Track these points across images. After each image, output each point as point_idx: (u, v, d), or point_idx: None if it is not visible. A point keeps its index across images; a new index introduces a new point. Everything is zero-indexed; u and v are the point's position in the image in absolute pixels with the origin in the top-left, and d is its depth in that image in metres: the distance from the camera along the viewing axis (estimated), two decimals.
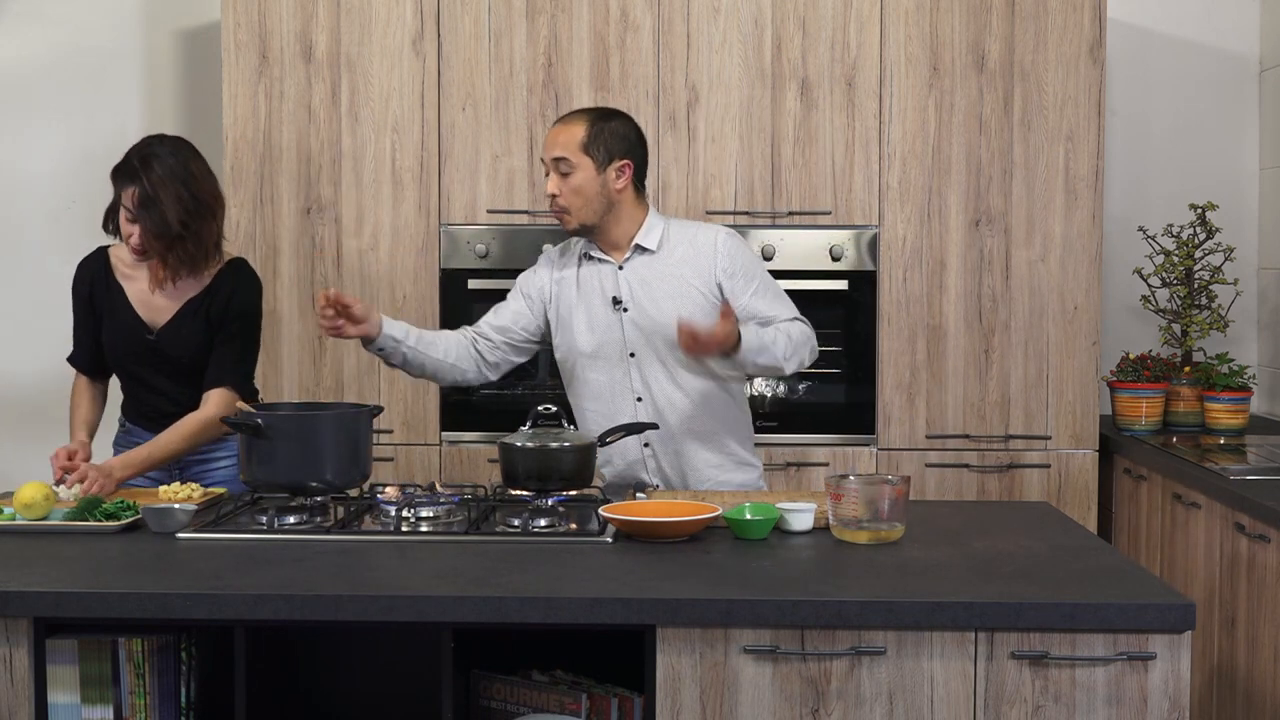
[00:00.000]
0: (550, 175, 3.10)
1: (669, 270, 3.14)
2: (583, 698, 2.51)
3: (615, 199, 3.11)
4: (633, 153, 3.12)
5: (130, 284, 3.26)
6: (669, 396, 3.15)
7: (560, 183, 3.08)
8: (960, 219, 4.17)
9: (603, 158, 3.07)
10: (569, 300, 3.20)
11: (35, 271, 4.69)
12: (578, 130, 3.08)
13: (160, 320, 3.24)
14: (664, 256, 3.15)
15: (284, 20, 4.19)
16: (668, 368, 3.14)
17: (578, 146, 3.06)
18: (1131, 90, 4.68)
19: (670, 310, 3.09)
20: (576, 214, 3.09)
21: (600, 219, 3.11)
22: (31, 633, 2.33)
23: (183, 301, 3.24)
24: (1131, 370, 4.34)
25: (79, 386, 3.34)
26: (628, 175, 3.10)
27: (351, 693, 2.74)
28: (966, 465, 4.20)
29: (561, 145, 3.07)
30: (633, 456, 3.19)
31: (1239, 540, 3.32)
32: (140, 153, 3.14)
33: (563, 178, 3.07)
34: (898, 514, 2.65)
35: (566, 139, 3.07)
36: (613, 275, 3.16)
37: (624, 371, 3.15)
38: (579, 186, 3.07)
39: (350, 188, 4.21)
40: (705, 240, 3.15)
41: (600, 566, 2.46)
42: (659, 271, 3.14)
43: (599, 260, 3.18)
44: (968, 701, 2.26)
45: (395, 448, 4.21)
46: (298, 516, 2.79)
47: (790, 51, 4.15)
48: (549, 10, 4.16)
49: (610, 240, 3.16)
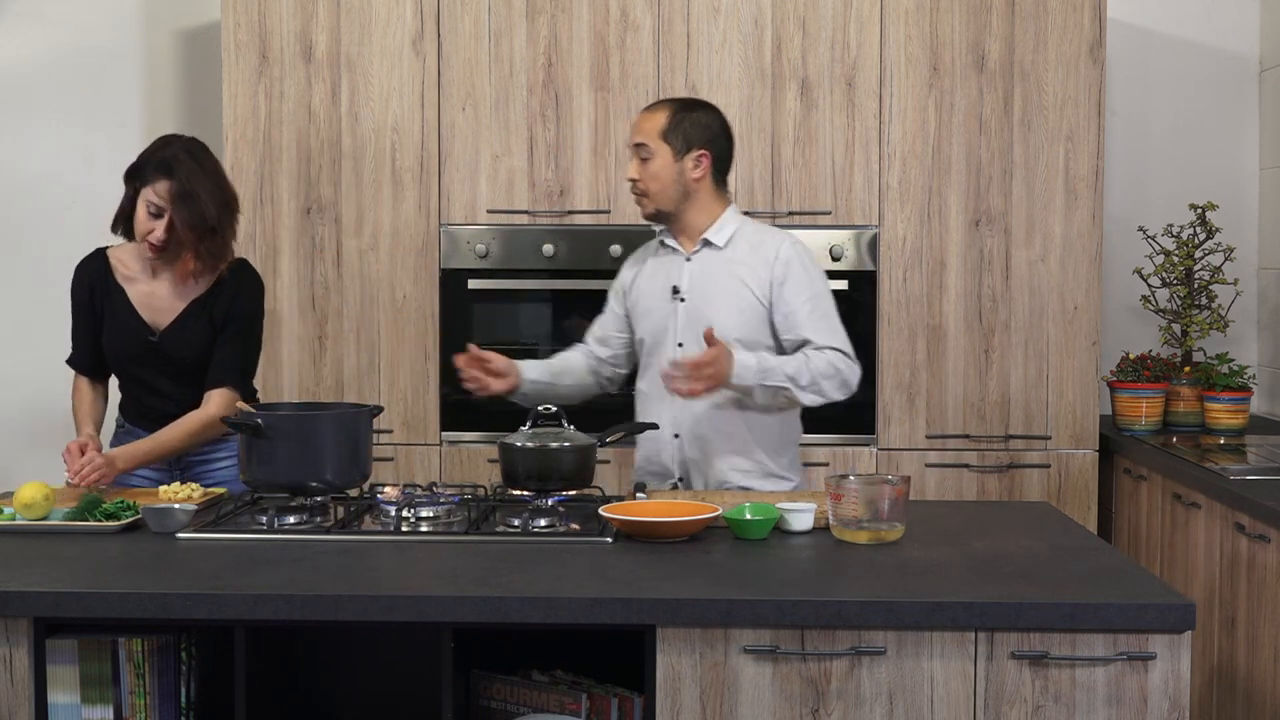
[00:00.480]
0: (632, 159, 3.16)
1: (729, 268, 3.15)
2: (583, 698, 2.51)
3: (692, 188, 3.14)
4: (713, 144, 3.14)
5: (131, 286, 3.26)
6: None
7: (640, 167, 3.14)
8: (960, 219, 4.18)
9: (681, 146, 3.11)
10: (640, 289, 3.26)
11: (35, 272, 4.68)
12: (660, 118, 3.13)
13: (163, 322, 3.24)
14: (728, 254, 3.16)
15: (284, 20, 4.19)
16: None
17: (657, 133, 3.11)
18: (1131, 90, 4.68)
19: (719, 304, 3.12)
20: (653, 198, 3.15)
21: (676, 206, 3.15)
22: (31, 633, 2.33)
23: (187, 302, 3.24)
24: (1131, 370, 4.34)
25: (80, 386, 3.34)
26: (705, 165, 3.13)
27: (351, 693, 2.74)
28: (966, 465, 4.20)
29: (643, 131, 3.13)
30: (662, 442, 3.18)
31: (1239, 540, 3.32)
32: (167, 149, 3.16)
33: (642, 163, 3.13)
34: (898, 514, 2.65)
35: (649, 125, 3.13)
36: (679, 265, 3.20)
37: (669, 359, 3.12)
38: (656, 172, 3.12)
39: (350, 188, 4.21)
40: (770, 245, 3.15)
41: (600, 566, 2.46)
42: (720, 268, 3.15)
43: (671, 249, 3.22)
44: (968, 701, 2.26)
45: (395, 448, 4.21)
46: (298, 516, 2.79)
47: (790, 51, 4.15)
48: (549, 10, 4.16)
49: (684, 230, 3.19)
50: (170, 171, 3.10)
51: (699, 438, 3.15)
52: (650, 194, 3.14)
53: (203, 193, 3.11)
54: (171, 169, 3.11)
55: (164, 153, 3.14)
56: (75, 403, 3.32)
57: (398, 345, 4.22)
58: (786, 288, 3.10)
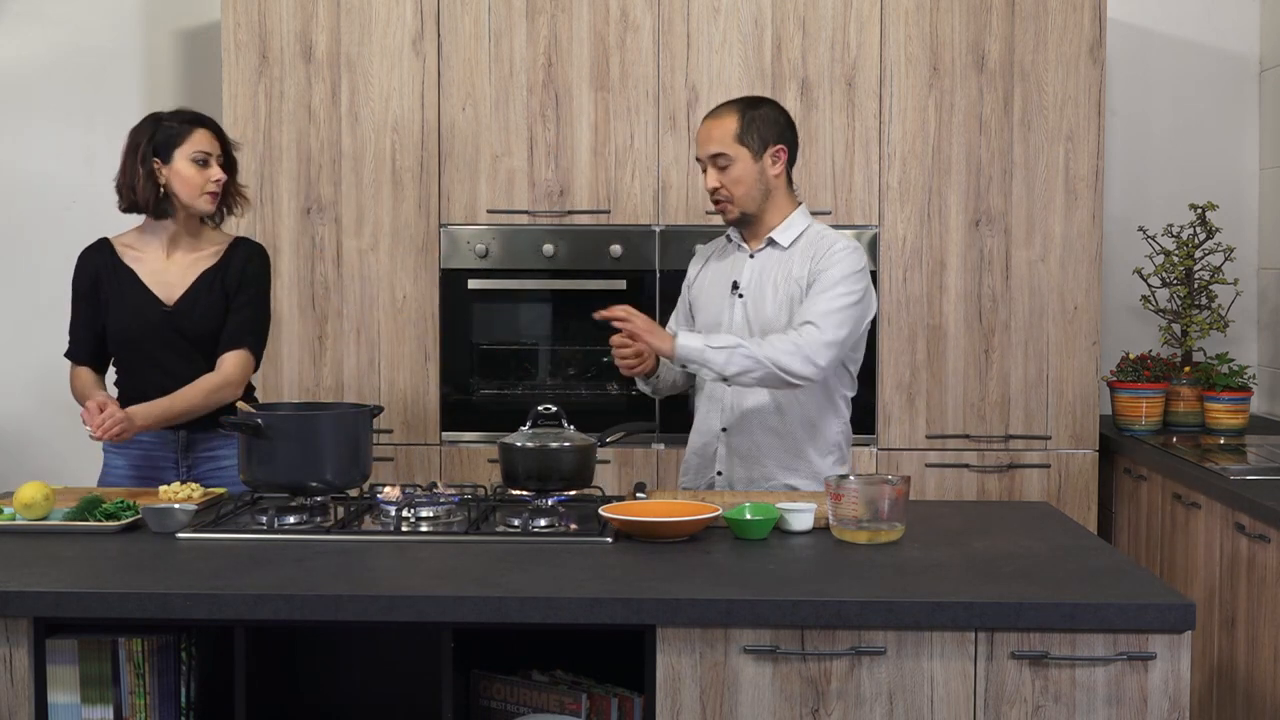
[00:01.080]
0: (707, 170, 3.12)
1: (787, 268, 3.15)
2: (583, 698, 2.51)
3: (772, 185, 3.14)
4: (785, 137, 3.14)
5: (140, 264, 3.28)
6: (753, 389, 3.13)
7: (719, 176, 3.10)
8: (960, 219, 4.18)
9: (758, 145, 3.10)
10: (703, 283, 3.28)
11: (35, 272, 4.69)
12: (730, 122, 3.10)
13: (174, 295, 3.27)
14: (790, 253, 3.16)
15: (284, 20, 4.19)
16: None
17: (733, 138, 3.09)
18: (1131, 90, 4.68)
19: (775, 302, 3.13)
20: (739, 203, 3.13)
21: (759, 207, 3.15)
22: (31, 633, 2.33)
23: (197, 274, 3.28)
24: (1131, 370, 4.34)
25: (79, 374, 3.32)
26: (783, 160, 3.14)
27: (351, 693, 2.74)
28: (966, 465, 4.20)
29: (717, 140, 3.10)
30: (708, 437, 3.22)
31: (1239, 540, 3.32)
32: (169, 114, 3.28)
33: (721, 171, 3.10)
34: (898, 514, 2.65)
35: (721, 133, 3.10)
36: (742, 262, 3.21)
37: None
38: (739, 177, 3.10)
39: (350, 188, 4.21)
40: (825, 245, 3.12)
41: (600, 566, 2.46)
42: (780, 267, 3.16)
43: (737, 246, 3.23)
44: (968, 701, 2.26)
45: (395, 448, 4.21)
46: (298, 516, 2.79)
47: (790, 51, 4.15)
48: (549, 10, 4.16)
49: (758, 229, 3.18)
50: (199, 120, 3.25)
51: (746, 434, 3.17)
52: (736, 200, 3.12)
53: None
54: (198, 118, 3.25)
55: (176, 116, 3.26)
56: (77, 388, 3.31)
57: (398, 345, 4.22)
58: (817, 279, 3.08)
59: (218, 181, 3.24)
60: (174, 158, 3.21)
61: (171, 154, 3.20)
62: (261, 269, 3.36)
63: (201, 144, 3.22)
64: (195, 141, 3.22)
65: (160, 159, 3.21)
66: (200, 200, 3.24)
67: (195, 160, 3.21)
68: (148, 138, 3.22)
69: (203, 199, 3.24)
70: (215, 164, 3.24)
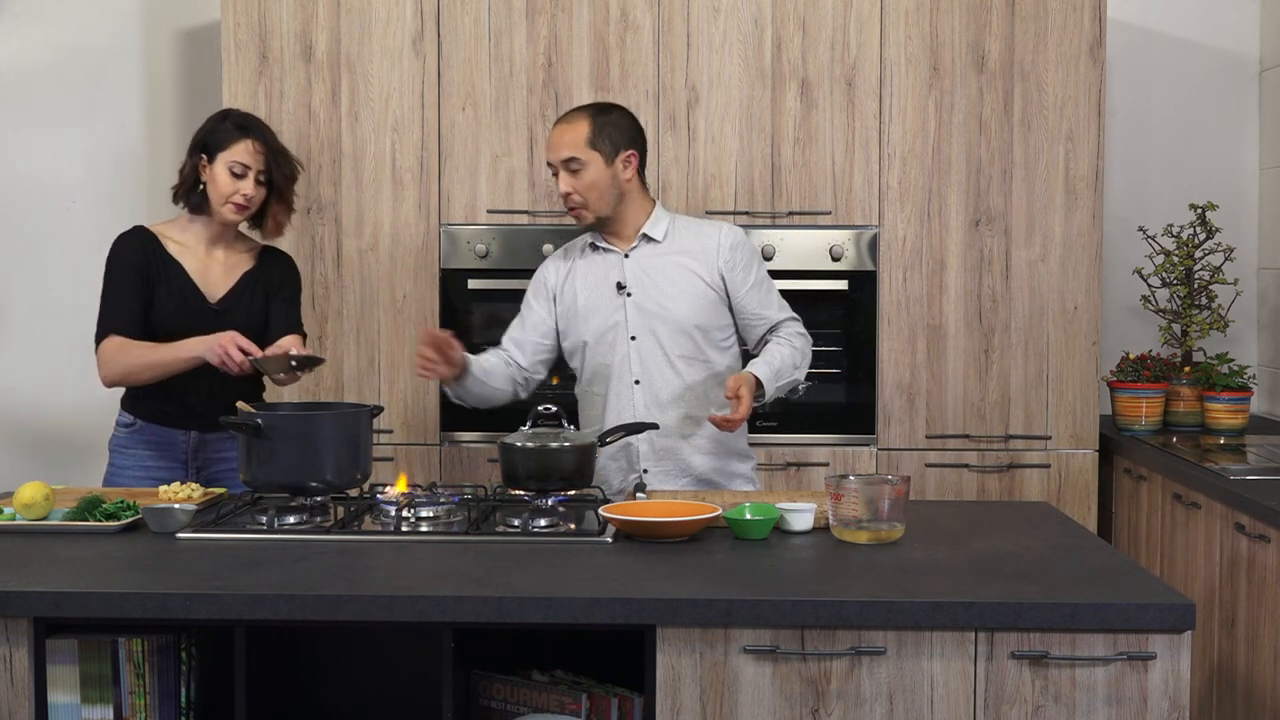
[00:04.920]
0: (559, 175, 3.19)
1: (673, 259, 3.25)
2: (583, 698, 2.51)
3: (625, 188, 3.22)
4: (636, 142, 3.23)
5: (186, 259, 3.29)
6: (666, 380, 3.23)
7: (572, 180, 3.17)
8: (960, 219, 4.17)
9: (609, 150, 3.18)
10: (573, 289, 3.30)
11: (35, 272, 4.69)
12: (581, 127, 3.18)
13: (217, 293, 3.29)
14: (668, 246, 3.26)
15: (284, 20, 4.19)
16: (666, 352, 3.23)
17: (584, 143, 3.16)
18: (1131, 90, 4.68)
19: (672, 294, 3.22)
20: (593, 207, 3.20)
21: (613, 209, 3.22)
22: (31, 633, 2.34)
23: (238, 275, 3.32)
24: (1131, 370, 4.34)
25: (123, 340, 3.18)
26: (634, 164, 3.21)
27: (351, 693, 2.74)
28: (966, 465, 4.20)
29: (569, 145, 3.17)
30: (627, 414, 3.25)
31: (1239, 540, 3.32)
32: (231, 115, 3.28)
33: (573, 175, 3.16)
34: (898, 514, 2.65)
35: (572, 138, 3.17)
36: (618, 263, 3.26)
37: (624, 355, 3.23)
38: (592, 181, 3.17)
39: (350, 188, 4.21)
40: (710, 233, 3.28)
41: (600, 566, 2.46)
42: (663, 260, 3.25)
43: (605, 250, 3.28)
44: (968, 701, 2.26)
45: (395, 448, 4.21)
46: (298, 516, 2.79)
47: (790, 51, 4.15)
48: (549, 10, 4.16)
49: (619, 231, 3.27)
50: (251, 131, 3.24)
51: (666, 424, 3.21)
52: (589, 204, 3.19)
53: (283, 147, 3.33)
54: (251, 129, 3.24)
55: (232, 118, 3.27)
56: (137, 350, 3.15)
57: (398, 345, 4.22)
58: (736, 274, 3.24)
59: (246, 196, 3.22)
60: (216, 160, 3.22)
61: (216, 155, 3.22)
62: (297, 272, 3.46)
63: (241, 155, 3.21)
64: (236, 151, 3.21)
65: (206, 156, 3.23)
66: (224, 209, 3.23)
67: (232, 169, 3.21)
68: (206, 132, 3.25)
69: (227, 208, 3.23)
70: (252, 178, 3.22)
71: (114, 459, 3.32)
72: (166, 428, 3.28)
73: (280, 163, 3.27)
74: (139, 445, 3.28)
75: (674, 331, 3.21)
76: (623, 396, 3.23)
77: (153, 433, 3.28)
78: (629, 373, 3.23)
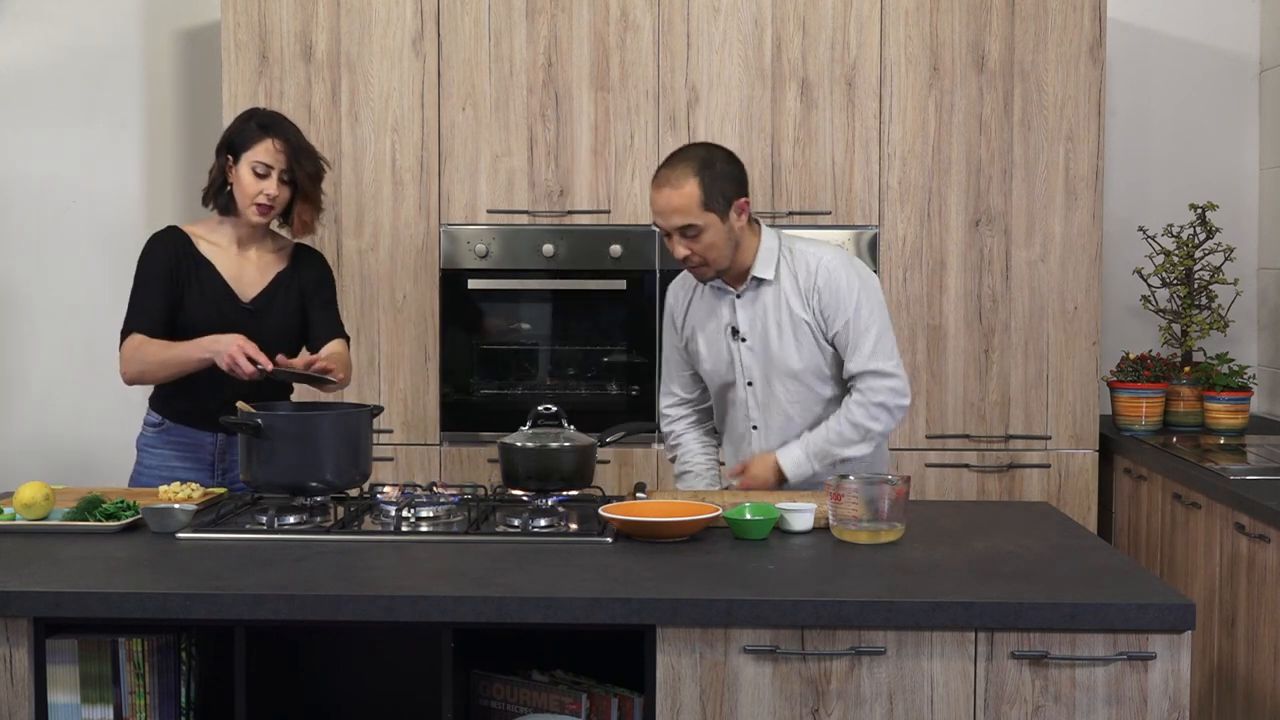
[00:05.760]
0: (674, 239, 2.98)
1: (779, 302, 3.08)
2: (583, 698, 2.51)
3: (739, 236, 3.03)
4: (743, 184, 3.03)
5: (216, 257, 3.26)
6: (781, 427, 3.13)
7: (690, 244, 2.97)
8: (960, 219, 4.17)
9: (723, 206, 2.96)
10: (695, 322, 3.19)
11: (34, 272, 4.68)
12: (691, 190, 2.93)
13: (250, 293, 3.26)
14: (777, 285, 3.08)
15: (284, 20, 4.19)
16: (780, 399, 3.12)
17: (698, 207, 2.94)
18: (1131, 90, 4.68)
19: (781, 341, 3.07)
20: (714, 264, 3.02)
21: (732, 258, 3.04)
22: (31, 633, 2.34)
23: (271, 275, 3.29)
24: (1131, 370, 4.34)
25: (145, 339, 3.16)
26: (747, 210, 3.03)
27: (351, 693, 2.74)
28: (966, 465, 4.20)
29: (681, 212, 2.94)
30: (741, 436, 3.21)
31: (1239, 540, 3.32)
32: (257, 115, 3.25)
33: (691, 239, 2.96)
34: (898, 514, 2.65)
35: (682, 203, 2.94)
36: (730, 305, 3.12)
37: (742, 399, 3.15)
38: (712, 242, 2.97)
39: (350, 188, 4.21)
40: (810, 267, 3.07)
41: (600, 566, 2.46)
42: (773, 301, 3.08)
43: (718, 289, 3.13)
44: (968, 701, 2.26)
45: (395, 448, 4.21)
46: (298, 516, 2.79)
47: (790, 51, 4.15)
48: (549, 10, 4.16)
49: (735, 271, 3.08)
50: (272, 130, 3.20)
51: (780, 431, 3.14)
52: (710, 262, 3.01)
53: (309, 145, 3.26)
54: (272, 128, 3.20)
55: (257, 118, 3.23)
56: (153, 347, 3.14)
57: (398, 345, 4.22)
58: (825, 316, 3.06)
59: (269, 196, 3.18)
60: (240, 160, 3.18)
61: (240, 156, 3.18)
62: (331, 274, 3.43)
63: (263, 155, 3.17)
64: (259, 151, 3.17)
65: (232, 157, 3.20)
66: (248, 210, 3.20)
67: (254, 169, 3.17)
68: (232, 133, 3.22)
69: (251, 210, 3.19)
70: (274, 178, 3.18)
71: (141, 458, 3.30)
72: (194, 429, 3.25)
73: (304, 160, 3.21)
74: (165, 445, 3.26)
75: (785, 377, 3.08)
76: (742, 441, 3.17)
77: (181, 434, 3.26)
78: (746, 418, 3.15)
